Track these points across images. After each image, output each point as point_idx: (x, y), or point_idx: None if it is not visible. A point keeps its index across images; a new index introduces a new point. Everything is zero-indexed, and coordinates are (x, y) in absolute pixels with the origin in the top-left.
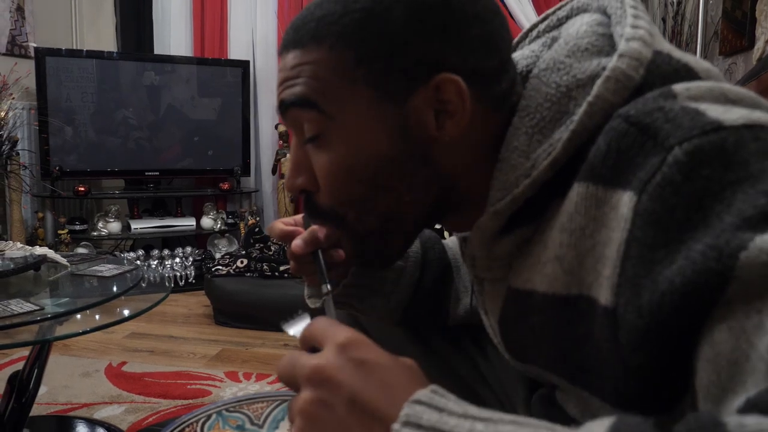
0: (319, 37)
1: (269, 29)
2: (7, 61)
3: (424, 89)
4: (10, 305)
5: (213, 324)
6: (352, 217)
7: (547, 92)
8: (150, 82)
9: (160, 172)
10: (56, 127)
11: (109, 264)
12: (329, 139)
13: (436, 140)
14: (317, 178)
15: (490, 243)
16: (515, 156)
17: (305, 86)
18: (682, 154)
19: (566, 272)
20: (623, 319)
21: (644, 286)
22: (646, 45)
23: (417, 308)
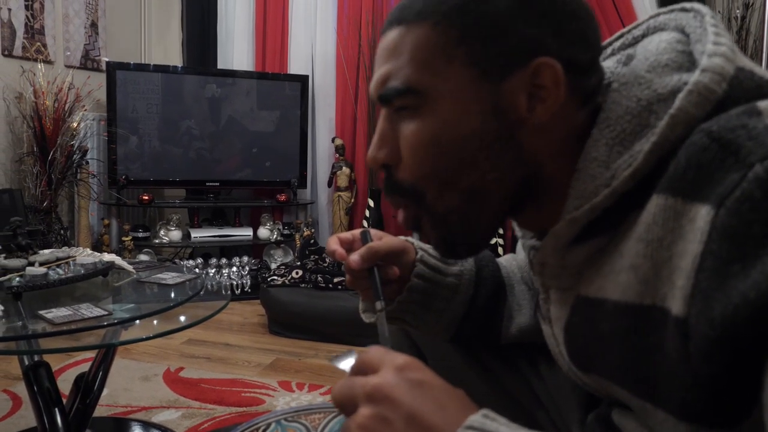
0: (423, 15)
1: (328, 45)
2: (80, 74)
3: (521, 72)
4: (81, 309)
5: (267, 333)
6: (433, 194)
7: (628, 105)
8: (212, 95)
9: (220, 182)
10: (123, 138)
11: (171, 272)
12: (422, 111)
13: (525, 123)
14: (401, 150)
15: (563, 251)
16: (594, 166)
17: (406, 67)
18: (762, 171)
19: (641, 282)
20: (694, 330)
21: (717, 299)
22: (728, 61)
23: (469, 326)
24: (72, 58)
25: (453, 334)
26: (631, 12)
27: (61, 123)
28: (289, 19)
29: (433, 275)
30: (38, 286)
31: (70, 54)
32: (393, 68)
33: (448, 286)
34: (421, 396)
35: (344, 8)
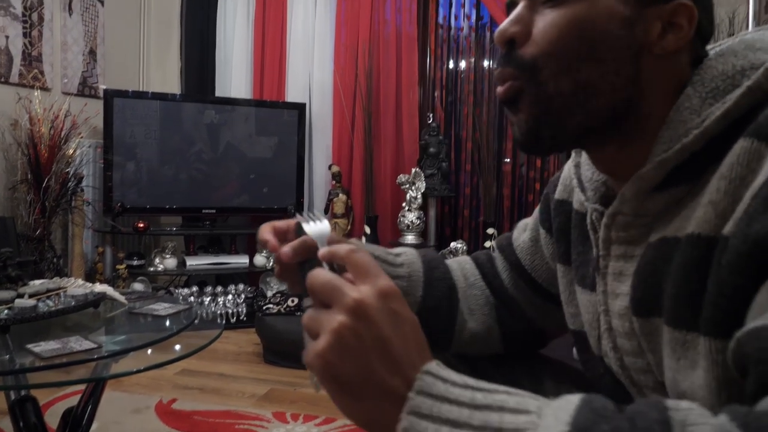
0: None
1: (326, 74)
2: (77, 101)
3: (663, 6)
4: (70, 342)
5: (262, 362)
6: (551, 72)
7: (724, 69)
8: (210, 123)
9: (216, 210)
10: (119, 165)
11: (164, 302)
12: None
13: (652, 49)
14: (537, 32)
15: (644, 197)
16: (687, 113)
17: None
18: None
19: (718, 216)
20: (731, 244)
21: (758, 220)
22: None
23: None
24: (69, 85)
25: None
26: None
27: (56, 150)
28: (287, 47)
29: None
30: (27, 318)
31: (67, 81)
32: None
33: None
34: (394, 325)
35: (341, 38)
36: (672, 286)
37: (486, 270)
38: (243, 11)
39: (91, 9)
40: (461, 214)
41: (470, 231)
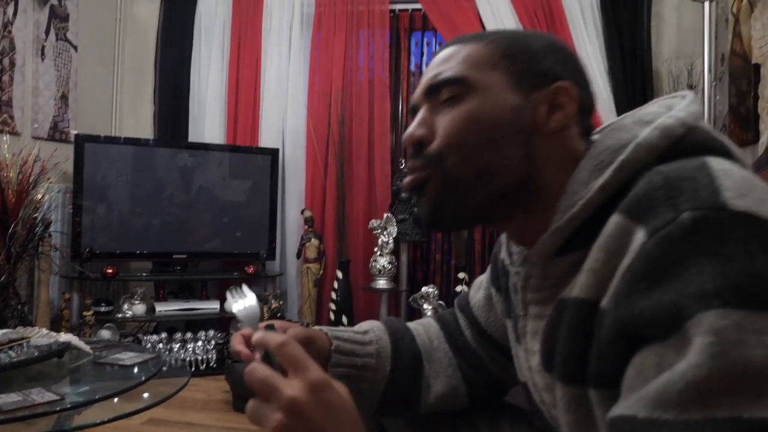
0: (476, 39)
1: (299, 120)
2: (48, 145)
3: (545, 90)
4: (32, 394)
5: (232, 411)
6: (454, 161)
7: (610, 144)
8: (183, 167)
9: (187, 254)
10: (89, 210)
11: (130, 351)
12: (464, 99)
13: (542, 129)
14: (439, 130)
15: (547, 261)
16: (577, 186)
17: (458, 66)
18: (689, 219)
19: (599, 282)
20: (606, 320)
21: (623, 303)
22: (692, 116)
23: (390, 400)
24: (40, 129)
25: (375, 412)
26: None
27: (24, 195)
28: (261, 93)
29: (350, 360)
30: None
31: (38, 126)
32: (445, 67)
33: (366, 367)
34: (328, 416)
35: (315, 84)
36: (561, 345)
37: (451, 330)
38: (217, 57)
39: (64, 54)
40: (433, 258)
41: (442, 275)
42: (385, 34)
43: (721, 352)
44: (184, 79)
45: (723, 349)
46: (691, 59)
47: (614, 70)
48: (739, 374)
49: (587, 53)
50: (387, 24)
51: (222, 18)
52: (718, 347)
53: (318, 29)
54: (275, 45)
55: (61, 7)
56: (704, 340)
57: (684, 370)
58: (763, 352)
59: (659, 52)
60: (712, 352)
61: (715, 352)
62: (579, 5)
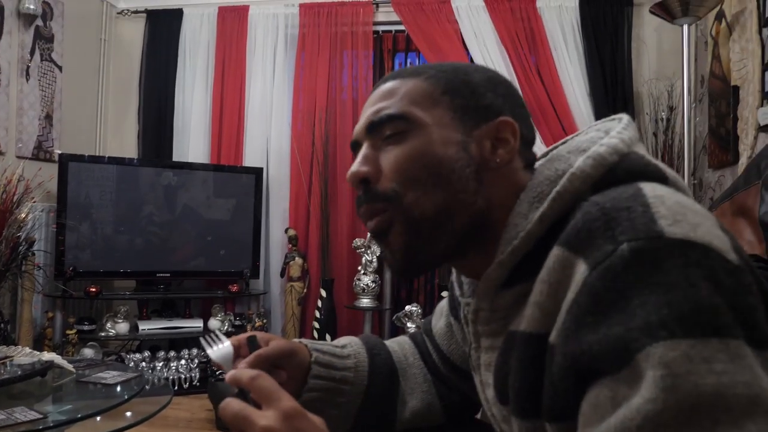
0: (416, 73)
1: (283, 139)
2: (32, 165)
3: (488, 125)
4: (15, 413)
5: (214, 429)
6: (411, 198)
7: (548, 174)
8: (167, 185)
9: (171, 273)
10: (73, 229)
11: (113, 370)
12: (408, 136)
13: (488, 163)
14: (386, 167)
15: (493, 294)
16: (518, 219)
17: (399, 102)
18: (627, 250)
19: (545, 315)
20: (556, 356)
21: (572, 339)
22: (623, 143)
23: (366, 415)
24: (24, 149)
25: (351, 425)
26: (568, 115)
27: (8, 214)
28: (245, 113)
29: (329, 372)
30: None
31: (22, 146)
32: (387, 104)
33: (344, 380)
34: None
35: (299, 104)
36: (513, 378)
37: (422, 349)
38: (202, 77)
39: (49, 74)
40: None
41: (425, 294)
42: (368, 54)
43: (673, 384)
44: (169, 98)
45: (674, 382)
46: (671, 81)
47: (595, 91)
48: (693, 405)
49: (569, 75)
50: (371, 45)
51: (206, 38)
52: (670, 379)
53: (302, 50)
54: (259, 65)
55: (46, 28)
56: (655, 373)
57: (639, 405)
58: (714, 381)
59: (640, 73)
60: (665, 385)
61: (667, 384)
62: (560, 27)
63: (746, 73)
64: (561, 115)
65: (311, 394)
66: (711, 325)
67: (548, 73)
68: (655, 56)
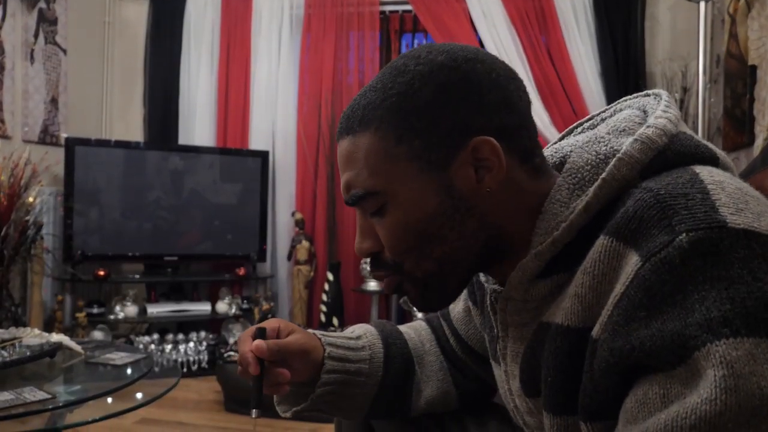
0: (365, 123)
1: (289, 122)
2: (38, 149)
3: (462, 153)
4: (24, 393)
5: (223, 411)
6: (410, 265)
7: (588, 158)
8: (173, 170)
9: (178, 257)
10: (81, 213)
11: (121, 351)
12: (387, 209)
13: (479, 192)
14: (381, 239)
15: (528, 284)
16: (557, 206)
17: (359, 178)
18: (686, 241)
19: (585, 309)
20: (599, 351)
21: (620, 334)
22: (671, 123)
23: (381, 404)
24: (30, 133)
25: (366, 414)
26: (579, 96)
27: (15, 198)
28: (251, 96)
29: (343, 366)
30: None
31: (28, 129)
32: (351, 177)
33: (358, 372)
34: None
35: (304, 87)
36: (546, 372)
37: (439, 334)
38: (207, 59)
39: (54, 58)
40: None
41: None
42: (375, 35)
43: (735, 385)
44: (174, 81)
45: (737, 383)
46: (686, 61)
47: (607, 72)
48: (755, 408)
49: (580, 55)
50: (377, 26)
51: (211, 20)
52: (732, 380)
53: (307, 31)
54: (265, 47)
55: (50, 10)
56: (716, 373)
57: (696, 404)
58: None
59: (653, 53)
60: (726, 385)
61: (729, 385)
62: (571, 6)
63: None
64: (571, 96)
65: (325, 388)
66: None
67: (559, 53)
68: (669, 35)
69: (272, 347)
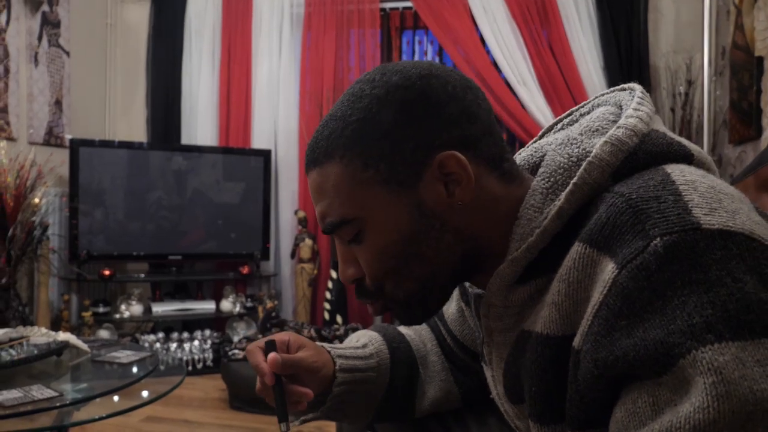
0: (329, 153)
1: (291, 120)
2: (43, 150)
3: (428, 170)
4: (32, 391)
5: (228, 409)
6: (390, 287)
7: (561, 161)
8: (177, 170)
9: (183, 256)
10: (86, 213)
11: (127, 350)
12: (363, 235)
13: (451, 207)
14: (362, 265)
15: (507, 290)
16: (531, 212)
17: (332, 207)
18: (661, 246)
19: (563, 317)
20: (583, 363)
21: (603, 344)
22: (642, 122)
23: (386, 409)
24: (35, 135)
25: (372, 419)
26: (582, 90)
27: (22, 200)
28: (252, 94)
29: (353, 376)
30: None
31: (33, 131)
32: (324, 207)
33: (366, 380)
34: None
35: (306, 85)
36: (528, 381)
37: (437, 334)
38: (208, 59)
39: (57, 60)
40: None
41: None
42: (375, 33)
43: (726, 391)
44: (176, 81)
45: (728, 389)
46: (690, 53)
47: (610, 65)
48: (749, 414)
49: (582, 49)
50: (378, 23)
51: (212, 20)
52: (722, 387)
53: (308, 29)
54: (266, 46)
55: (53, 13)
56: (706, 380)
57: (689, 413)
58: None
59: (657, 46)
60: (717, 392)
61: (720, 392)
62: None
63: None
64: (574, 90)
65: (335, 399)
66: (761, 323)
67: (560, 47)
68: (673, 27)
69: (286, 361)
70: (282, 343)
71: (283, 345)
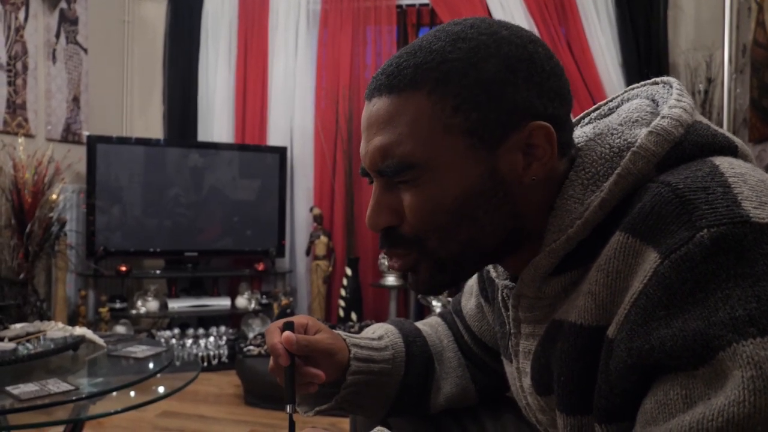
0: (416, 83)
1: (307, 118)
2: (61, 147)
3: (516, 135)
4: (48, 385)
5: (243, 404)
6: (434, 243)
7: (602, 151)
8: (193, 167)
9: (198, 252)
10: (103, 209)
11: (142, 345)
12: (421, 180)
13: (521, 180)
14: (402, 212)
15: (540, 281)
16: (571, 202)
17: (398, 144)
18: (707, 237)
19: (599, 307)
20: (616, 352)
21: (639, 334)
22: (686, 113)
23: (402, 403)
24: (53, 131)
25: (386, 413)
26: (599, 88)
27: (40, 196)
28: (269, 92)
29: (368, 366)
30: (6, 361)
31: (51, 128)
32: (389, 141)
33: (381, 372)
34: None
35: (322, 82)
36: (558, 371)
37: (454, 330)
38: (225, 56)
39: (75, 57)
40: None
41: None
42: (392, 30)
43: (765, 387)
44: (193, 78)
45: (766, 384)
46: (710, 51)
47: (628, 63)
48: None
49: (600, 46)
50: (394, 20)
51: (228, 17)
52: (761, 381)
53: (324, 26)
54: (282, 43)
55: (71, 10)
56: (744, 374)
57: (723, 405)
58: None
59: (676, 43)
60: (755, 387)
61: (758, 387)
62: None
63: None
64: (591, 87)
65: (350, 389)
66: None
67: (578, 44)
68: (693, 24)
69: (301, 341)
70: (300, 325)
71: (301, 327)
